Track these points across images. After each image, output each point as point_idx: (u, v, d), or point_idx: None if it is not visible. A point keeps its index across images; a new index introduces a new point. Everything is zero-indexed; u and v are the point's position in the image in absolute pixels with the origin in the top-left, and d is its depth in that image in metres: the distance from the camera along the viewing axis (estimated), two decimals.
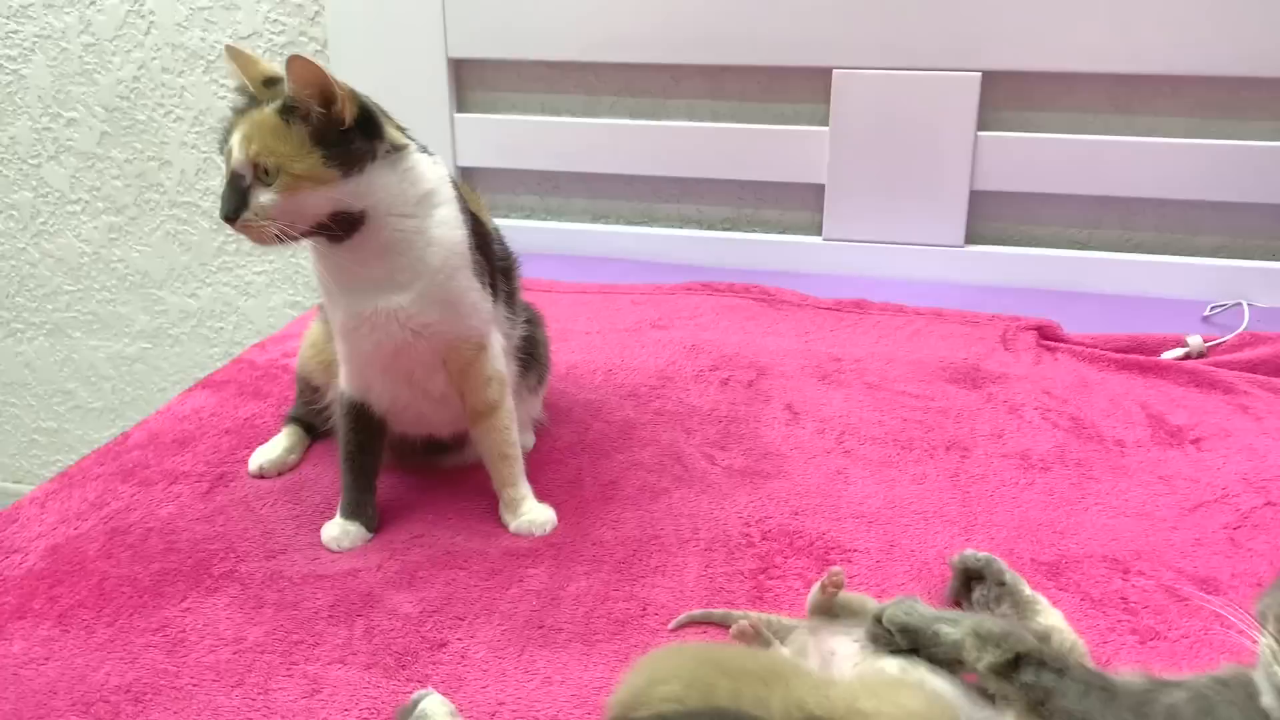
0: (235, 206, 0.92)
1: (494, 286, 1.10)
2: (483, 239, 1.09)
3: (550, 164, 1.93)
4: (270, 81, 0.97)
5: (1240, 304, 1.62)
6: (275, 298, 2.21)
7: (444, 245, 1.01)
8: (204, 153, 2.11)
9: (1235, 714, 0.70)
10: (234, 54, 0.98)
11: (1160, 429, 1.29)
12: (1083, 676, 0.75)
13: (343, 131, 0.93)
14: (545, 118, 1.92)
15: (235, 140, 0.92)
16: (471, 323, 1.06)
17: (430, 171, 1.01)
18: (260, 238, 0.93)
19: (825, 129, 1.79)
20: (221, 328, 2.26)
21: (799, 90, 1.81)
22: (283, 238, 0.93)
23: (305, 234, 0.95)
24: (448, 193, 1.02)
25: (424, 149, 1.03)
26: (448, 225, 1.01)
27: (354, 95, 0.94)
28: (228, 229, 2.16)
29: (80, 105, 2.13)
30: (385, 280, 1.00)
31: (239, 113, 0.95)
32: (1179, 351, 1.47)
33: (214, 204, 2.15)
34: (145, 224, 2.20)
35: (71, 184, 2.20)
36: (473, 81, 1.94)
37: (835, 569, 0.89)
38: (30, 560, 1.05)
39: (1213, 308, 1.64)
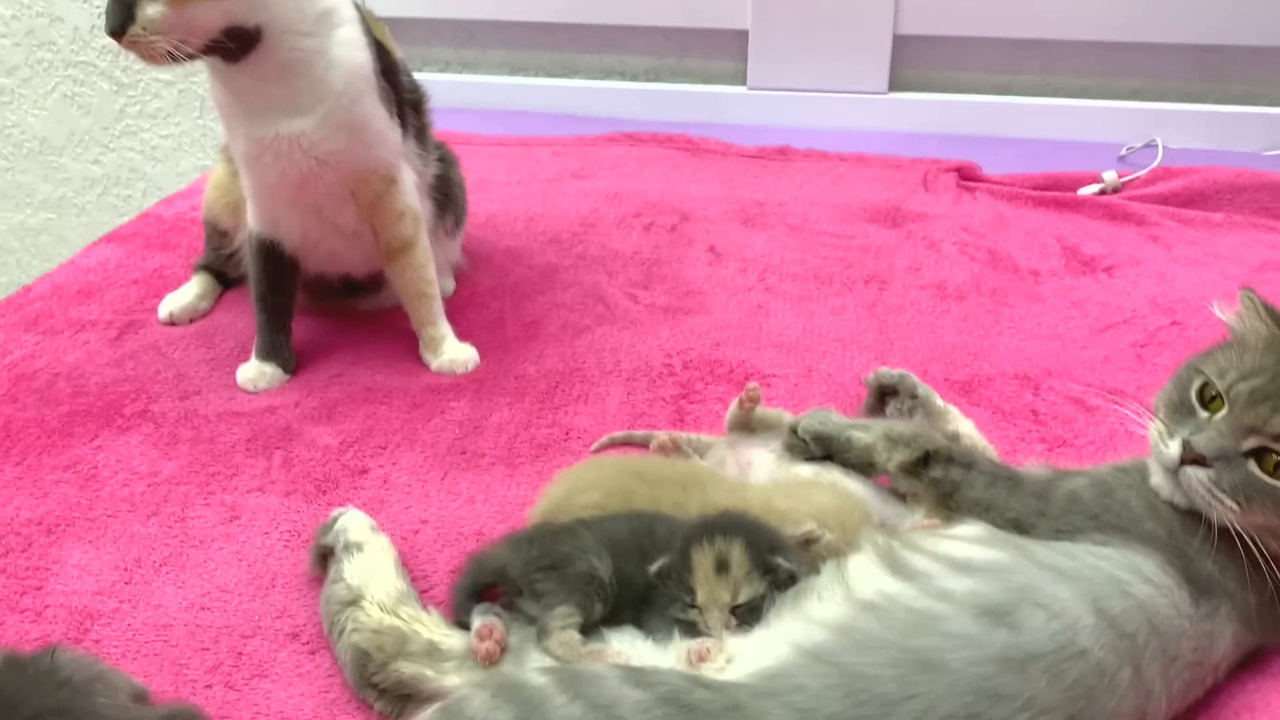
0: (121, 20, 0.86)
1: (403, 119, 1.07)
2: (389, 68, 1.04)
3: (465, 12, 1.86)
4: None
5: (1155, 144, 1.64)
6: (184, 162, 2.12)
7: (346, 67, 0.96)
8: (98, 7, 1.99)
9: (1132, 496, 0.73)
10: None
11: (1074, 259, 1.31)
12: (989, 469, 0.78)
13: None
14: None
15: None
16: (379, 152, 1.02)
17: None
18: (151, 55, 0.88)
19: None
20: (129, 195, 2.17)
21: None
22: (175, 56, 0.88)
23: (198, 52, 0.90)
24: (349, 12, 0.98)
25: None
26: (350, 46, 0.97)
27: None
28: (129, 90, 2.11)
29: None
30: (286, 104, 0.95)
31: None
32: (1095, 188, 1.49)
33: (112, 63, 2.05)
34: (39, 86, 2.09)
35: None
36: None
37: (752, 385, 0.90)
38: None
39: (1128, 149, 1.66)
